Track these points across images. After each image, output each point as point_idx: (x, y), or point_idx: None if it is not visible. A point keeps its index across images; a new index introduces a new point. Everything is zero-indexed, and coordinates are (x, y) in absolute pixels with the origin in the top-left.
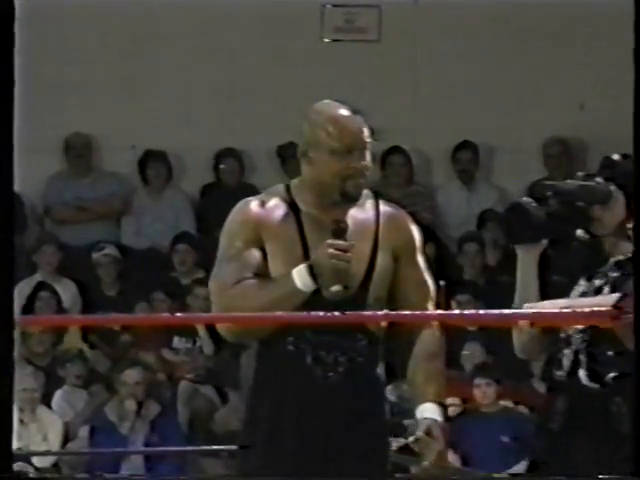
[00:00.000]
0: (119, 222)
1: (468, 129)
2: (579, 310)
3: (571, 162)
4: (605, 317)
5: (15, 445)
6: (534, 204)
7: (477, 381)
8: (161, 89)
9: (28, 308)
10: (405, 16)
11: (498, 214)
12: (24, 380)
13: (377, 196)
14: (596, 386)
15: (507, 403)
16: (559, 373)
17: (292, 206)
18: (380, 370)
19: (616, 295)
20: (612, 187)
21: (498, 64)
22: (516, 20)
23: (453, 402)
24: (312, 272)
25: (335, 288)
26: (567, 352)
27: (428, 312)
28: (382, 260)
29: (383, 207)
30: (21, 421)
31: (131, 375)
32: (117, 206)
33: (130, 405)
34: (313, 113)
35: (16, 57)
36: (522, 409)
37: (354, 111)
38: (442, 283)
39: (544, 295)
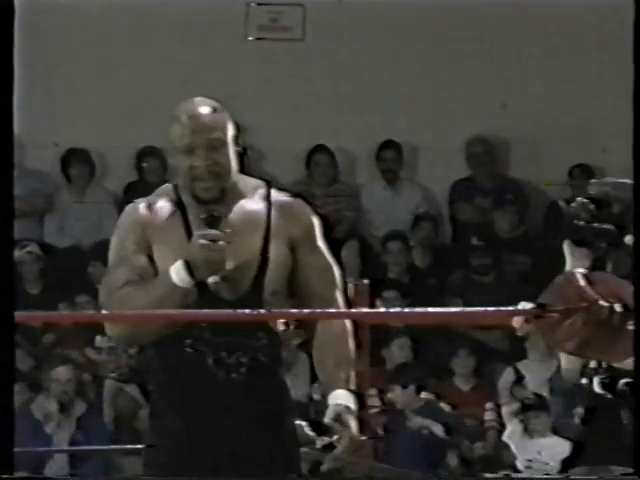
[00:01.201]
0: (42, 220)
1: (392, 128)
2: (503, 309)
3: (494, 161)
4: (529, 315)
5: None
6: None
7: (393, 386)
8: (84, 87)
9: None
10: (329, 15)
11: (432, 216)
12: None
13: (269, 186)
14: (608, 395)
15: (429, 396)
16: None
17: (179, 205)
18: (283, 368)
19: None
20: None
21: (421, 63)
22: (439, 20)
23: (373, 404)
24: (189, 266)
25: (211, 279)
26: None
27: (354, 310)
28: (276, 251)
29: (275, 197)
30: None
31: (62, 372)
32: (40, 204)
33: (58, 403)
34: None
35: None
36: (443, 405)
37: (214, 109)
38: (366, 281)
39: None
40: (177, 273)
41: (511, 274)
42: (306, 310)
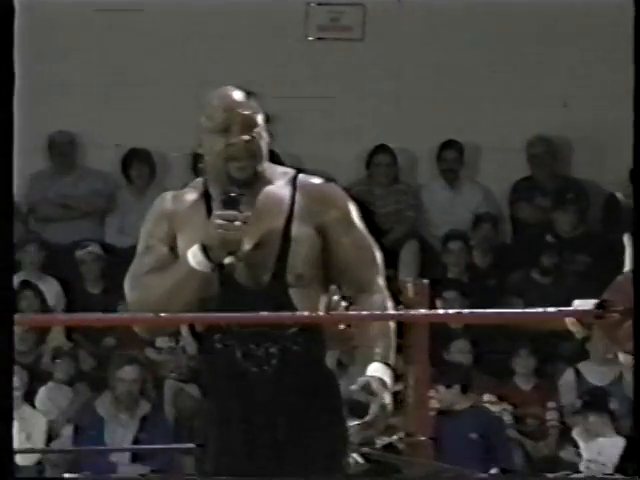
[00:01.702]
0: (103, 220)
1: (453, 128)
2: (564, 309)
3: (555, 161)
4: (590, 315)
5: None
6: None
7: (438, 386)
8: (145, 87)
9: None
10: (389, 14)
11: (493, 216)
12: None
13: (299, 172)
14: None
15: (490, 398)
16: None
17: (205, 195)
18: (327, 356)
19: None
20: None
21: (482, 62)
22: (502, 18)
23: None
24: (205, 249)
25: (227, 260)
26: None
27: (414, 312)
28: (300, 234)
29: (303, 181)
30: None
31: (129, 372)
32: (101, 204)
33: (122, 402)
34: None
35: None
36: (505, 406)
37: (247, 94)
38: (425, 281)
39: None
40: (194, 256)
41: (572, 274)
42: (364, 312)
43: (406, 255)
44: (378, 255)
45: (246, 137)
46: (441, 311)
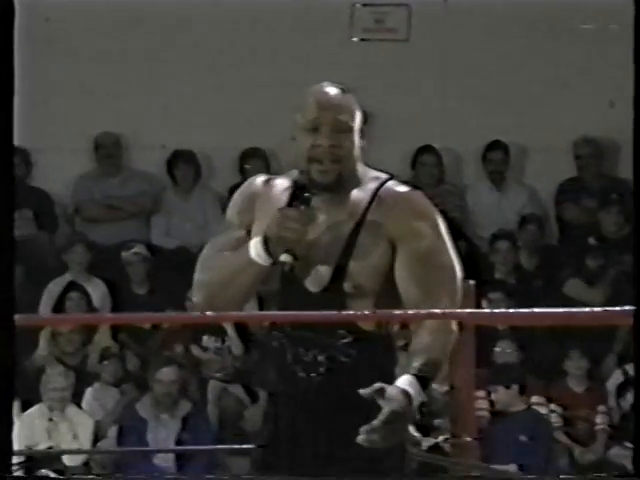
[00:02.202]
0: (149, 221)
1: (499, 128)
2: (609, 309)
3: (601, 161)
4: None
5: (45, 444)
6: None
7: (492, 387)
8: (190, 89)
9: (58, 307)
10: (435, 15)
11: (539, 217)
12: (54, 379)
13: (389, 178)
14: None
15: (539, 399)
16: None
17: (296, 184)
18: (383, 372)
19: None
20: None
21: (528, 63)
22: (547, 18)
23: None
24: (266, 242)
25: (283, 257)
26: None
27: (459, 311)
28: (367, 243)
29: (386, 188)
30: (51, 420)
31: (167, 373)
32: (147, 205)
33: (162, 403)
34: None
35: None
36: (554, 407)
37: (344, 90)
38: (471, 282)
39: None
40: (255, 247)
41: (618, 274)
42: (411, 311)
43: None
44: (451, 279)
45: (332, 142)
46: (487, 311)
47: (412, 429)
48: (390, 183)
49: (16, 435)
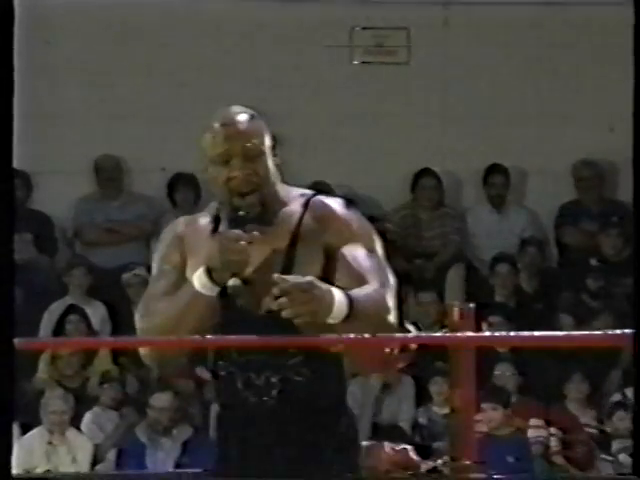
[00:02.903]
0: (149, 244)
1: (498, 151)
2: (610, 332)
3: (602, 184)
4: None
5: (44, 467)
6: None
7: (484, 405)
8: (190, 112)
9: (58, 330)
10: (434, 37)
11: (539, 239)
12: (54, 402)
13: (316, 194)
14: None
15: (537, 422)
16: None
17: (216, 219)
18: (337, 388)
19: None
20: None
21: (528, 86)
22: (547, 41)
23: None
24: (209, 271)
25: (231, 282)
26: None
27: (459, 334)
28: (304, 256)
29: (314, 201)
30: (50, 443)
31: (160, 399)
32: (146, 228)
33: (157, 428)
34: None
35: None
36: (553, 430)
37: (251, 116)
38: (471, 305)
39: None
40: (199, 278)
41: (619, 297)
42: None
43: (452, 278)
44: (378, 265)
45: (246, 170)
46: (487, 333)
47: (411, 452)
48: (317, 197)
49: (15, 458)
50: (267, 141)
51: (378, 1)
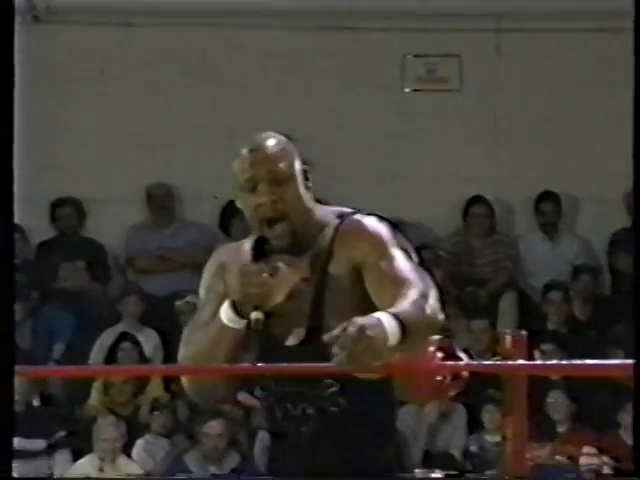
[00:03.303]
0: (200, 272)
1: (550, 177)
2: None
3: None
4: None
5: None
6: None
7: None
8: (243, 139)
9: (110, 358)
10: (486, 65)
11: (592, 267)
12: (105, 429)
13: (352, 213)
14: None
15: (590, 450)
16: None
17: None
18: (379, 416)
19: None
20: None
21: (580, 112)
22: (599, 69)
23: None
24: (235, 305)
25: (253, 315)
26: None
27: (510, 362)
28: (336, 281)
29: (347, 221)
30: (101, 470)
31: (213, 427)
32: (199, 256)
33: (209, 456)
34: None
35: (98, 108)
36: (606, 459)
37: (278, 141)
38: (523, 333)
39: None
40: (225, 312)
41: None
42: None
43: (504, 306)
44: (415, 276)
45: (273, 196)
46: (539, 362)
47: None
48: (347, 219)
49: None
50: (297, 165)
51: (430, 28)
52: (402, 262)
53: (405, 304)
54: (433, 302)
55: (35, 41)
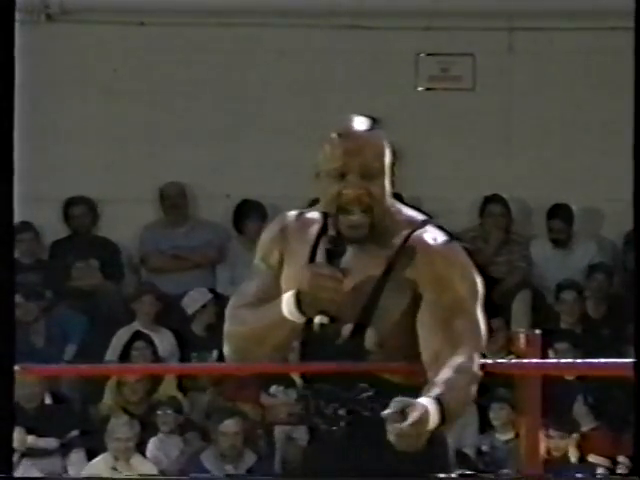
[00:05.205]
0: (214, 271)
1: (564, 178)
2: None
3: None
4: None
5: None
6: None
7: (551, 432)
8: (256, 137)
9: (124, 357)
10: (500, 64)
11: (607, 266)
12: (119, 429)
13: (423, 224)
14: None
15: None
16: None
17: (324, 226)
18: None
19: None
20: None
21: (595, 111)
22: (612, 67)
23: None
24: (299, 300)
25: (318, 319)
26: None
27: (525, 360)
28: (391, 297)
29: (417, 238)
30: (115, 469)
31: (230, 426)
32: (212, 255)
33: (225, 455)
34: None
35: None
36: (623, 459)
37: (371, 128)
38: (537, 332)
39: None
40: (287, 305)
41: None
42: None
43: (518, 305)
44: (475, 331)
45: (360, 190)
46: (553, 360)
47: None
48: (419, 232)
49: None
50: (387, 159)
51: (443, 27)
52: (461, 307)
53: (450, 382)
54: (478, 362)
55: (49, 40)
